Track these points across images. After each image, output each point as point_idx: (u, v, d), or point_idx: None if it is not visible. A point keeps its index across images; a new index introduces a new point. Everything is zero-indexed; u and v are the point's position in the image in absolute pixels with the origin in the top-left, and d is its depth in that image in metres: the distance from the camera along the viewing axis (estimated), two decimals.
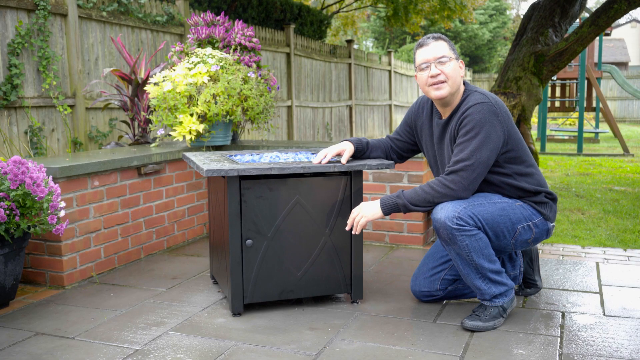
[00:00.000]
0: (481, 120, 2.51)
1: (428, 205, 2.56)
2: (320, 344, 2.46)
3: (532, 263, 2.96)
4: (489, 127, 2.51)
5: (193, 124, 3.80)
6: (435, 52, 2.61)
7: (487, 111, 2.53)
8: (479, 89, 2.65)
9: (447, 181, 2.53)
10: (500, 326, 2.61)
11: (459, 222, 2.49)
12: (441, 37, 2.67)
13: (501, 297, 2.62)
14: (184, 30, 6.89)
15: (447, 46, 2.64)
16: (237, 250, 2.71)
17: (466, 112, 2.55)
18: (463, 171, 2.51)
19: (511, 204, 2.63)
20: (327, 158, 2.74)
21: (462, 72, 2.65)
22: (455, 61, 2.63)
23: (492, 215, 2.56)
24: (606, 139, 13.91)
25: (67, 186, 3.21)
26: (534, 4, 7.28)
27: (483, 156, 2.50)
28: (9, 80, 4.89)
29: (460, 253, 2.55)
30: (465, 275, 2.61)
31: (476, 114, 2.52)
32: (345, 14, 17.24)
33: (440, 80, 2.60)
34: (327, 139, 11.89)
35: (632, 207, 5.51)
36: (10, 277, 2.90)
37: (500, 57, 32.66)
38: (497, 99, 2.61)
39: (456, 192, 2.52)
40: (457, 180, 2.52)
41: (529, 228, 2.65)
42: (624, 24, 37.45)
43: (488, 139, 2.51)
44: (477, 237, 2.52)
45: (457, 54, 2.67)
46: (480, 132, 2.50)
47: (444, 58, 2.60)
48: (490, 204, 2.58)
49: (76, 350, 2.43)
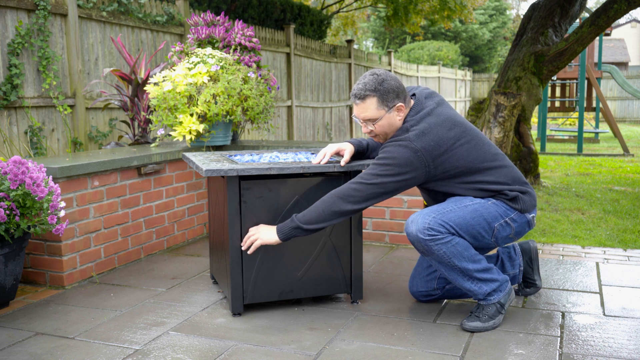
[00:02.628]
0: (391, 154, 2.51)
1: (321, 221, 2.54)
2: (320, 344, 2.46)
3: (531, 262, 2.95)
4: (393, 162, 2.49)
5: (193, 124, 3.80)
6: (361, 115, 2.59)
7: (401, 148, 2.50)
8: (414, 126, 2.54)
9: (335, 192, 2.55)
10: (500, 324, 2.61)
11: (430, 233, 2.49)
12: (368, 92, 2.54)
13: (495, 293, 2.61)
14: (184, 30, 6.89)
15: (374, 104, 2.54)
16: (237, 250, 2.71)
17: (385, 144, 2.57)
18: (352, 190, 2.52)
19: (483, 204, 2.60)
20: (327, 158, 2.74)
21: (400, 114, 2.58)
22: (387, 115, 2.55)
23: (464, 219, 2.55)
24: (606, 139, 13.91)
25: (67, 186, 3.21)
26: (534, 4, 7.28)
27: (375, 191, 2.51)
28: (9, 80, 4.89)
29: (441, 261, 2.55)
30: (453, 280, 2.62)
31: (390, 148, 2.52)
32: (345, 14, 17.24)
33: (373, 135, 2.66)
34: (327, 139, 11.89)
35: (632, 207, 5.51)
36: (10, 277, 2.90)
37: (500, 57, 32.67)
38: (424, 131, 2.51)
39: (341, 204, 2.52)
40: (347, 197, 2.52)
41: (506, 224, 2.63)
42: (624, 24, 37.45)
43: (388, 173, 2.50)
44: (452, 243, 2.52)
45: (392, 100, 2.54)
46: (384, 164, 2.51)
47: (371, 120, 2.58)
48: (461, 208, 2.57)
49: (76, 350, 2.43)
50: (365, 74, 2.61)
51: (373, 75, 2.57)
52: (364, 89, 2.56)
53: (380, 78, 2.55)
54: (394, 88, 2.56)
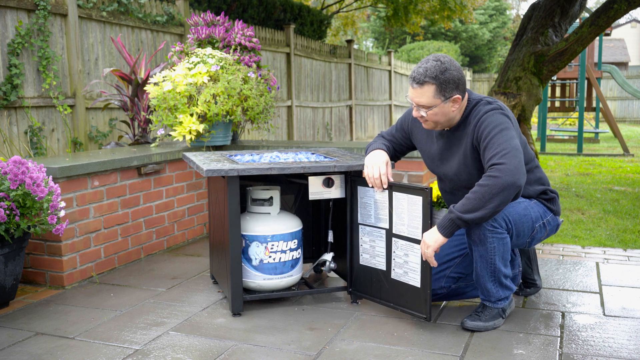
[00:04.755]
0: (497, 121, 2.49)
1: (482, 208, 2.36)
2: (320, 344, 2.46)
3: (530, 262, 2.97)
4: (506, 125, 2.49)
5: (193, 124, 3.80)
6: (417, 99, 2.53)
7: (499, 114, 2.52)
8: (485, 98, 2.60)
9: (491, 172, 2.37)
10: (500, 326, 2.62)
11: (493, 224, 2.49)
12: (428, 79, 2.46)
13: (503, 300, 2.64)
14: (184, 30, 6.89)
15: (432, 92, 2.47)
16: (237, 250, 2.71)
17: (480, 120, 2.52)
18: (500, 158, 2.39)
19: (529, 203, 2.66)
20: (384, 176, 2.64)
21: (455, 106, 2.53)
22: (442, 104, 2.49)
23: (519, 215, 2.58)
24: (606, 139, 13.91)
25: (67, 186, 3.21)
26: (534, 4, 7.28)
27: (515, 144, 2.44)
28: (9, 80, 4.89)
29: (484, 255, 2.54)
30: (480, 276, 2.59)
31: (490, 118, 2.50)
32: (345, 14, 17.24)
33: (424, 120, 2.59)
34: (327, 139, 11.89)
35: (632, 207, 5.51)
36: (10, 277, 2.90)
37: (500, 57, 32.66)
38: (503, 104, 2.60)
39: (503, 179, 2.33)
40: (499, 168, 2.35)
41: (543, 226, 2.69)
42: (624, 24, 37.45)
43: (511, 132, 2.47)
44: (504, 241, 2.54)
45: (450, 91, 2.48)
46: (502, 129, 2.46)
47: (423, 108, 2.52)
48: (516, 204, 2.60)
49: (76, 350, 2.43)
50: (428, 57, 2.50)
51: (437, 61, 2.47)
52: (425, 74, 2.46)
53: (443, 66, 2.46)
54: (455, 79, 2.48)
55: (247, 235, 2.80)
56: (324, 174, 2.83)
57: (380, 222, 2.70)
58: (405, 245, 2.60)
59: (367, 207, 2.77)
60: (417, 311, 2.58)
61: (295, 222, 2.90)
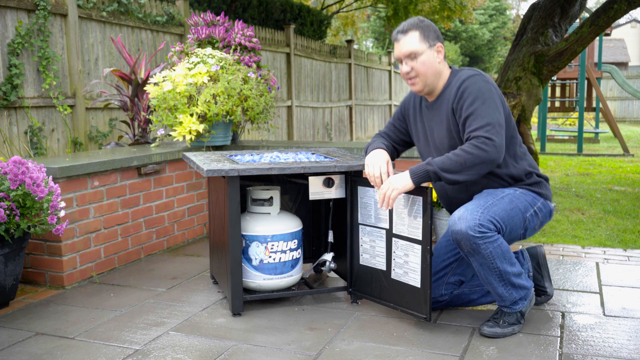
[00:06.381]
0: (481, 88, 2.48)
1: (460, 172, 2.39)
2: (320, 344, 2.46)
3: (540, 268, 2.86)
4: (490, 94, 2.48)
5: (193, 124, 3.80)
6: (404, 48, 2.57)
7: (482, 81, 2.51)
8: (466, 68, 2.63)
9: (479, 143, 2.38)
10: (518, 332, 2.56)
11: (481, 230, 2.39)
12: (411, 27, 2.58)
13: (521, 301, 2.56)
14: (184, 30, 6.89)
15: (417, 37, 2.56)
16: (237, 251, 2.71)
17: (462, 85, 2.51)
18: (488, 132, 2.39)
19: (514, 194, 2.56)
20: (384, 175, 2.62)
21: (439, 57, 2.59)
22: (428, 51, 2.55)
23: (506, 211, 2.48)
24: (606, 139, 13.91)
25: (67, 186, 3.21)
26: (534, 4, 7.27)
27: (500, 119, 2.43)
28: (9, 80, 4.89)
29: (483, 262, 2.46)
30: (487, 283, 2.53)
31: (473, 85, 2.49)
32: (345, 14, 17.24)
33: (412, 76, 2.59)
34: (327, 139, 11.89)
35: (632, 207, 5.51)
36: (10, 277, 2.90)
37: (500, 57, 32.67)
38: (485, 73, 2.59)
39: (489, 154, 2.36)
40: (487, 142, 2.37)
41: (535, 214, 2.59)
42: (624, 24, 37.44)
43: (495, 103, 2.46)
44: (498, 243, 2.44)
45: (432, 39, 2.57)
46: (486, 99, 2.45)
47: (413, 54, 2.56)
48: (500, 200, 2.51)
49: (76, 350, 2.43)
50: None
51: (415, 18, 2.64)
52: (407, 24, 2.60)
53: (421, 19, 2.62)
54: (435, 29, 2.60)
55: (247, 235, 2.80)
56: (324, 174, 2.83)
57: (381, 222, 2.70)
58: (405, 245, 2.59)
59: (367, 207, 2.77)
60: (417, 311, 2.57)
61: (295, 222, 2.90)
